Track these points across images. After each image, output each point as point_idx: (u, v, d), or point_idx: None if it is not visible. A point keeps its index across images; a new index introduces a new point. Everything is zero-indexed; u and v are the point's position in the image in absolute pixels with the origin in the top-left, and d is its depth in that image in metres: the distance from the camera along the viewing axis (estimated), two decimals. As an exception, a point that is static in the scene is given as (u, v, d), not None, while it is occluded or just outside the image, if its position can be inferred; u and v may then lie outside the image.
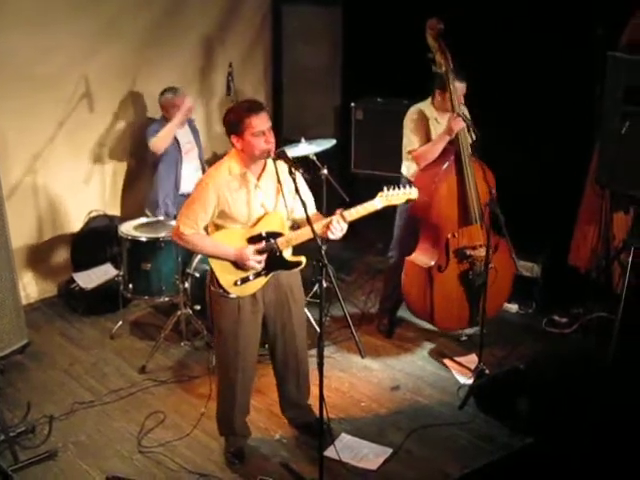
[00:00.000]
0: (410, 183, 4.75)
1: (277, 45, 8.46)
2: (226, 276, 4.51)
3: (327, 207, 6.02)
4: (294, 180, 4.23)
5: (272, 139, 4.37)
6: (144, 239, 6.14)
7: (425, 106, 5.93)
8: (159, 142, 6.54)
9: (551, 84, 6.46)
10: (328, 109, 8.27)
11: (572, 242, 6.66)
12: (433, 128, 5.85)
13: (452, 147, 5.69)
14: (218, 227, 4.54)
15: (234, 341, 4.63)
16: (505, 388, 5.29)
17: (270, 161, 4.46)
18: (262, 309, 4.67)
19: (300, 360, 4.92)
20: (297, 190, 4.21)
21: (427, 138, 5.84)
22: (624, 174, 5.69)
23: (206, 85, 7.81)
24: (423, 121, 5.87)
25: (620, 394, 5.01)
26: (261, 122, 4.33)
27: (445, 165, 5.73)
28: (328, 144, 6.41)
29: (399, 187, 4.49)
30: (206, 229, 4.58)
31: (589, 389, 5.05)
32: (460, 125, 5.54)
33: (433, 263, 5.83)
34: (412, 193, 4.54)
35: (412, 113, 5.94)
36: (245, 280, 4.52)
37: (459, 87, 5.69)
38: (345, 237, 4.48)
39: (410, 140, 5.89)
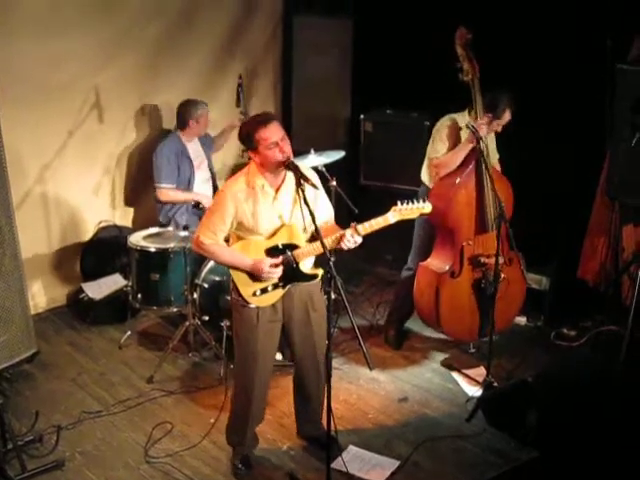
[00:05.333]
0: (425, 197, 4.72)
1: (287, 56, 8.48)
2: (245, 286, 4.53)
3: (336, 219, 6.03)
4: (302, 191, 4.24)
5: (287, 148, 4.37)
6: (153, 249, 6.15)
7: (460, 117, 5.87)
8: (166, 197, 6.67)
9: (562, 96, 6.45)
10: (338, 121, 8.28)
11: (581, 255, 6.64)
12: (464, 139, 5.79)
13: (473, 154, 5.68)
14: (239, 238, 4.56)
15: (252, 349, 4.64)
16: (513, 401, 5.26)
17: (290, 174, 4.45)
18: (281, 319, 4.68)
19: (320, 369, 4.88)
20: (306, 202, 4.21)
21: (455, 147, 5.82)
22: (634, 186, 5.69)
23: (216, 96, 7.81)
24: (454, 130, 5.84)
25: (629, 407, 4.98)
26: (272, 133, 4.33)
27: (465, 172, 5.73)
28: (337, 156, 6.42)
29: (412, 201, 4.50)
30: (227, 240, 4.61)
31: (597, 402, 5.03)
32: (483, 131, 5.53)
33: (447, 268, 5.84)
34: (426, 208, 4.55)
35: (445, 121, 5.91)
36: (264, 291, 4.54)
37: (507, 117, 5.75)
38: (357, 247, 4.49)
39: (435, 148, 5.87)
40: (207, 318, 6.13)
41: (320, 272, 4.66)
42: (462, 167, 5.75)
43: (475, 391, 5.70)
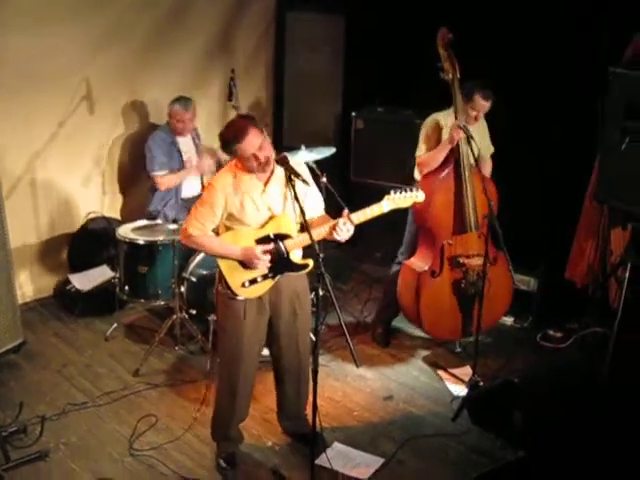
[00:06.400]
0: (417, 187, 4.75)
1: (279, 52, 8.47)
2: (234, 277, 4.52)
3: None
4: (293, 187, 4.25)
5: (265, 154, 4.34)
6: (141, 242, 6.13)
7: (443, 116, 5.92)
8: (165, 184, 6.66)
9: (552, 98, 6.47)
10: (329, 117, 8.28)
11: (570, 257, 6.65)
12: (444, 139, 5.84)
13: (452, 155, 5.72)
14: (228, 228, 4.56)
15: (238, 343, 4.63)
16: (498, 401, 5.28)
17: (279, 166, 4.46)
18: (268, 312, 4.68)
19: (302, 367, 4.91)
20: (296, 197, 4.22)
21: (437, 146, 5.86)
22: (623, 190, 5.69)
23: (208, 91, 7.81)
24: (436, 130, 5.89)
25: (615, 410, 5.00)
26: (249, 146, 4.31)
27: (444, 173, 5.78)
28: (328, 152, 6.41)
29: (406, 190, 4.54)
30: (216, 231, 4.60)
31: (583, 404, 5.04)
32: (461, 133, 5.56)
33: (427, 268, 5.85)
34: (419, 196, 4.59)
35: (428, 121, 5.97)
36: (253, 282, 4.53)
37: (483, 105, 5.76)
38: (351, 240, 4.50)
39: (419, 147, 5.94)
40: (194, 312, 6.13)
41: (311, 262, 4.65)
42: (441, 167, 5.81)
43: (461, 390, 5.71)
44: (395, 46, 7.42)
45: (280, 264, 4.55)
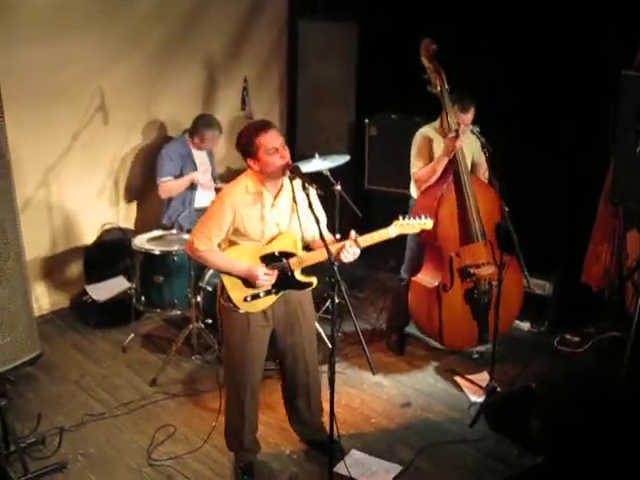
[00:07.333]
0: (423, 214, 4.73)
1: (292, 61, 8.48)
2: (236, 291, 4.52)
3: (340, 223, 6.04)
4: (307, 195, 4.24)
5: (287, 154, 4.37)
6: (157, 252, 6.16)
7: (431, 129, 5.93)
8: (166, 191, 6.71)
9: (565, 102, 6.45)
10: (342, 125, 8.27)
11: (585, 260, 6.63)
12: (439, 150, 5.80)
13: (451, 167, 5.70)
14: (232, 243, 4.55)
15: (242, 356, 4.63)
16: (516, 407, 5.26)
17: (287, 180, 4.45)
18: (271, 325, 4.67)
19: (310, 377, 4.90)
20: (310, 205, 4.21)
21: (431, 160, 5.85)
22: (638, 192, 5.68)
23: (221, 100, 7.83)
24: (427, 143, 5.88)
25: (632, 414, 4.98)
26: (272, 139, 4.32)
27: (444, 185, 5.74)
28: (342, 160, 6.43)
29: (414, 217, 4.55)
30: (220, 245, 4.59)
31: (601, 409, 5.02)
32: (457, 145, 5.54)
33: (437, 283, 5.83)
34: (427, 224, 4.61)
35: (417, 137, 5.97)
36: (255, 297, 4.53)
37: (464, 117, 5.68)
38: (361, 253, 4.49)
39: (413, 163, 5.93)
40: (210, 321, 6.15)
41: (314, 280, 4.66)
42: (441, 180, 5.77)
43: (478, 396, 5.70)
44: (407, 52, 7.38)
45: (284, 282, 4.56)
